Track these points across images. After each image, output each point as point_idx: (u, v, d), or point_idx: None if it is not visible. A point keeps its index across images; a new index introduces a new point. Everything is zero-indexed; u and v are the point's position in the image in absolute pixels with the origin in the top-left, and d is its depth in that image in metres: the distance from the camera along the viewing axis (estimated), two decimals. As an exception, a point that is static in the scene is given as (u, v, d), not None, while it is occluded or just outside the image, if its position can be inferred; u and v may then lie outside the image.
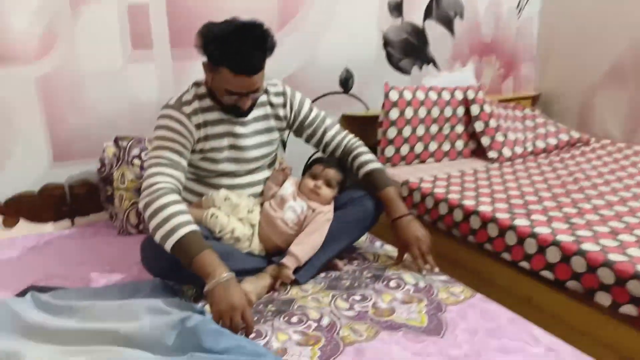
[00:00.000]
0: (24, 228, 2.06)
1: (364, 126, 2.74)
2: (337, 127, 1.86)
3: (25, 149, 2.05)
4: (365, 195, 1.73)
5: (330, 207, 1.71)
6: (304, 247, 1.60)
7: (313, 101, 2.63)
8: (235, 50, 1.46)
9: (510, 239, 1.83)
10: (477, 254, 1.98)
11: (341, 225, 1.68)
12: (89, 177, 2.17)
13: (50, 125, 2.08)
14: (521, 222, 1.84)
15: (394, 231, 1.68)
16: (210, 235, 1.59)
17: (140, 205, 1.47)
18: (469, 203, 2.04)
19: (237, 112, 1.62)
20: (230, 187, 1.72)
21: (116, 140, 2.06)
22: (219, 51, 1.48)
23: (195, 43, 1.52)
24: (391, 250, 1.83)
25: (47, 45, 2.01)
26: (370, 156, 1.79)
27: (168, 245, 1.39)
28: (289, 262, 1.57)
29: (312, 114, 1.82)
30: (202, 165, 1.69)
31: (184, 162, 1.58)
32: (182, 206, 1.45)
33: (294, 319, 1.40)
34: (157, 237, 1.41)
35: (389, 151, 2.55)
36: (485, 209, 1.97)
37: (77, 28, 2.04)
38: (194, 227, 1.41)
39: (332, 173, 1.72)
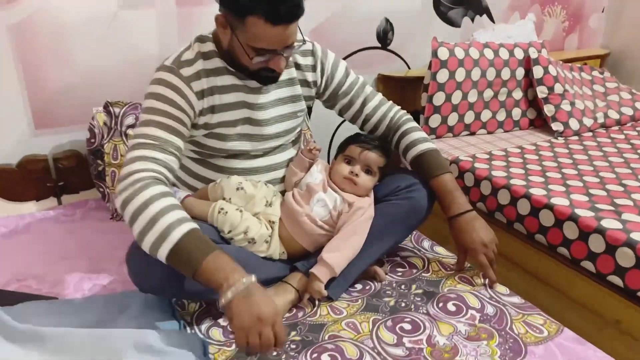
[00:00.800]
0: (1, 208, 1.73)
1: (404, 89, 2.35)
2: (380, 96, 1.49)
3: (-1, 114, 1.69)
4: (415, 184, 1.35)
5: (370, 200, 1.35)
6: (339, 255, 1.25)
7: (344, 58, 2.22)
8: None
9: (596, 244, 1.44)
10: (549, 258, 1.60)
11: (384, 224, 1.32)
12: (78, 148, 1.82)
13: (29, 86, 1.71)
14: (609, 223, 1.45)
15: (453, 231, 1.32)
16: (217, 236, 1.24)
17: (117, 203, 1.11)
18: (538, 193, 1.65)
19: (267, 78, 1.25)
20: (244, 172, 1.36)
21: (106, 106, 1.69)
22: None
23: None
24: (444, 253, 1.46)
25: (20, -15, 1.61)
26: (421, 134, 1.43)
27: (161, 255, 1.05)
28: (320, 273, 1.22)
29: (349, 80, 1.45)
30: (207, 144, 1.33)
31: (179, 141, 1.21)
32: (172, 199, 1.10)
33: (326, 358, 1.06)
34: (146, 246, 1.06)
35: (434, 121, 2.14)
36: (560, 202, 1.58)
37: (56, -37, 1.63)
38: (191, 224, 1.07)
39: (373, 156, 1.34)
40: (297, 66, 1.38)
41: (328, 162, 1.43)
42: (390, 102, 1.50)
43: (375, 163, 1.35)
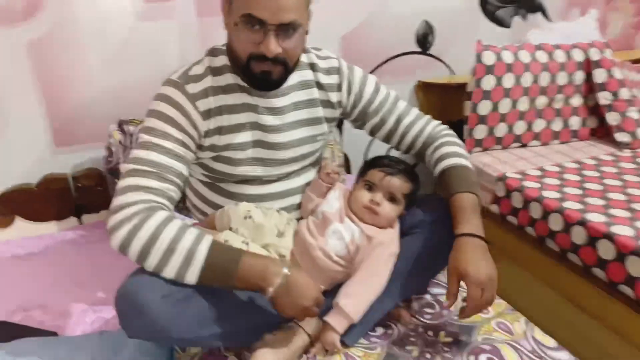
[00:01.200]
0: (21, 228, 1.70)
1: (447, 97, 2.15)
2: (415, 111, 1.33)
3: (19, 133, 1.65)
4: (445, 219, 1.16)
5: (395, 233, 1.18)
6: (357, 301, 1.09)
7: (382, 64, 2.07)
8: None
9: (667, 285, 1.22)
10: (607, 296, 1.38)
11: (410, 261, 1.15)
12: (99, 166, 1.76)
13: (48, 102, 1.66)
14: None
15: (453, 251, 1.08)
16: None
17: (116, 242, 1.00)
18: (596, 219, 1.43)
19: (263, 76, 1.09)
20: (257, 198, 1.23)
21: (120, 124, 1.62)
22: None
23: None
24: (481, 292, 1.28)
25: (36, 0, 1.56)
26: (454, 148, 1.24)
27: (190, 280, 0.99)
28: (335, 322, 1.07)
29: (379, 97, 1.29)
30: (216, 167, 1.21)
31: (181, 167, 1.09)
32: (178, 222, 1.01)
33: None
34: (169, 274, 0.99)
35: (480, 132, 1.94)
36: (622, 231, 1.36)
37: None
38: (208, 238, 1.01)
39: (397, 182, 1.18)
40: (320, 86, 1.23)
41: (357, 176, 1.26)
42: (428, 116, 1.33)
43: (399, 190, 1.18)
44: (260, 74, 1.08)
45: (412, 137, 1.29)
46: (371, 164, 1.22)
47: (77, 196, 1.74)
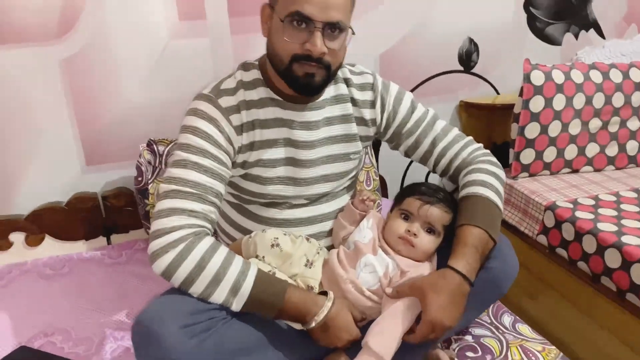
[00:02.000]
0: (51, 247, 1.68)
1: (492, 118, 2.04)
2: (454, 132, 1.24)
3: (51, 151, 1.64)
4: (492, 254, 1.06)
5: (432, 267, 1.09)
6: (389, 340, 1.00)
7: (422, 83, 1.97)
8: None
9: None
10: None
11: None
12: (128, 185, 1.73)
13: (80, 121, 1.64)
14: None
15: (434, 275, 1.02)
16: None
17: (160, 267, 0.97)
18: (660, 257, 1.29)
19: (305, 78, 1.04)
20: (285, 223, 1.18)
21: (150, 144, 1.58)
22: None
23: None
24: (529, 335, 1.16)
25: (71, 18, 1.55)
26: (484, 176, 1.13)
27: (236, 308, 0.99)
28: None
29: (414, 116, 1.21)
30: (245, 187, 1.16)
31: (219, 186, 1.06)
32: (224, 250, 1.01)
33: None
34: (215, 300, 0.98)
35: (527, 156, 1.81)
36: (692, 272, 1.22)
37: (107, -6, 1.56)
38: (254, 269, 1.01)
39: (436, 212, 1.09)
40: (354, 102, 1.18)
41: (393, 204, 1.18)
42: (469, 138, 1.24)
43: (438, 221, 1.09)
44: (303, 76, 1.04)
45: (447, 161, 1.21)
46: (408, 191, 1.14)
47: (107, 216, 1.71)
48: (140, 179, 1.61)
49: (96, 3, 1.55)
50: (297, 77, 1.05)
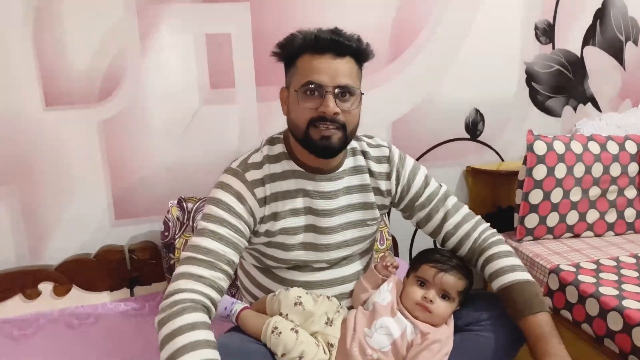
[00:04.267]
0: (77, 297, 1.75)
1: (497, 183, 2.15)
2: (464, 211, 1.29)
3: (83, 205, 1.75)
4: (503, 318, 1.15)
5: (449, 330, 1.15)
6: None
7: (431, 149, 2.10)
8: (319, 32, 1.12)
9: None
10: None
11: (462, 360, 1.12)
12: (153, 239, 1.82)
13: (113, 178, 1.76)
14: None
15: None
16: (270, 357, 1.13)
17: (155, 322, 1.03)
18: (659, 321, 1.36)
19: (323, 142, 1.11)
20: (307, 285, 1.25)
21: (180, 202, 1.69)
22: (298, 37, 1.13)
23: (276, 58, 1.19)
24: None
25: (112, 85, 1.70)
26: (510, 260, 1.20)
27: None
28: None
29: (427, 191, 1.29)
30: (269, 253, 1.24)
31: (233, 254, 1.12)
32: (202, 333, 0.99)
33: None
34: None
35: (531, 221, 1.91)
36: (689, 337, 1.29)
37: (145, 64, 1.71)
38: None
39: (451, 280, 1.16)
40: (371, 173, 1.26)
41: (409, 269, 1.25)
42: (478, 217, 1.29)
43: (453, 288, 1.16)
44: (320, 140, 1.11)
45: (458, 239, 1.26)
46: (423, 258, 1.21)
47: (132, 268, 1.79)
48: (167, 233, 1.70)
49: (136, 71, 1.70)
50: (315, 142, 1.12)
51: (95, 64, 1.67)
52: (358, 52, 1.13)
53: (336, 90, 1.10)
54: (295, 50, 1.12)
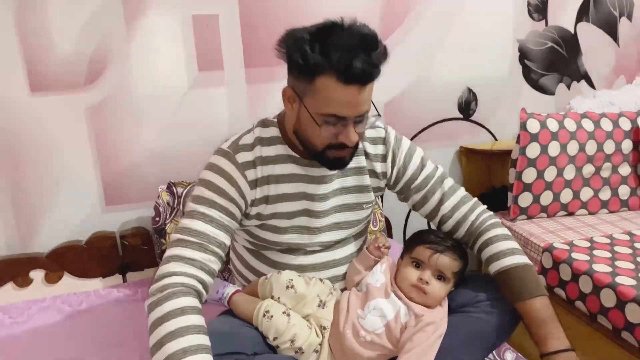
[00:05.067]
0: (69, 284, 1.74)
1: (490, 162, 2.14)
2: (461, 193, 1.27)
3: (73, 192, 1.73)
4: (497, 299, 1.14)
5: (443, 311, 1.14)
6: None
7: (424, 129, 2.09)
8: (345, 48, 0.98)
9: None
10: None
11: (458, 342, 1.11)
12: (145, 225, 1.81)
13: (102, 164, 1.74)
14: None
15: None
16: (262, 343, 1.12)
17: (145, 306, 1.02)
18: (652, 297, 1.36)
19: (336, 161, 1.12)
20: (300, 268, 1.24)
21: (170, 186, 1.67)
22: (319, 50, 0.99)
23: (277, 53, 1.06)
24: (531, 372, 1.22)
25: (98, 69, 1.67)
26: (508, 244, 1.18)
27: None
28: None
29: (424, 173, 1.26)
30: (261, 235, 1.22)
31: (224, 236, 1.10)
32: (191, 318, 0.97)
33: None
34: None
35: (525, 199, 1.90)
36: (682, 312, 1.29)
37: (132, 47, 1.68)
38: (194, 358, 0.92)
39: (446, 261, 1.14)
40: (367, 155, 1.23)
41: (403, 250, 1.23)
42: (475, 200, 1.27)
43: (448, 268, 1.15)
44: (334, 160, 1.11)
45: (454, 222, 1.24)
46: (417, 239, 1.19)
47: (123, 254, 1.78)
48: (157, 219, 1.69)
49: (122, 54, 1.67)
50: (328, 160, 1.11)
51: (81, 48, 1.63)
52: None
53: (357, 119, 1.06)
54: (314, 64, 0.99)
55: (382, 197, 2.02)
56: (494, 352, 1.29)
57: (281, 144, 1.18)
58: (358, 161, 1.23)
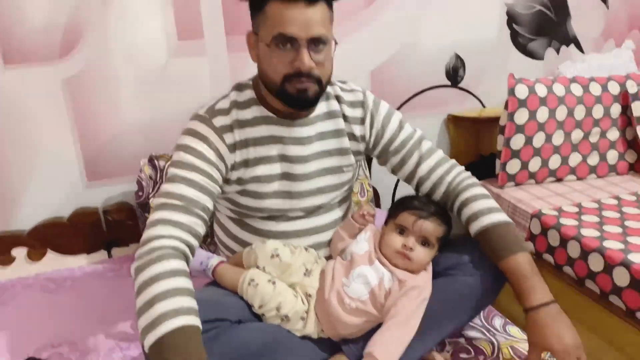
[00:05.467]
0: (52, 261, 1.71)
1: (478, 130, 2.12)
2: (438, 155, 1.26)
3: (53, 167, 1.68)
4: (481, 260, 1.13)
5: (427, 276, 1.13)
6: (391, 350, 1.04)
7: (411, 98, 2.05)
8: None
9: None
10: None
11: (444, 305, 1.11)
12: (129, 200, 1.77)
13: (81, 138, 1.69)
14: None
15: (532, 326, 1.05)
16: (247, 312, 1.11)
17: (132, 269, 1.00)
18: (639, 260, 1.36)
19: (298, 96, 1.08)
20: (283, 235, 1.22)
21: (151, 159, 1.63)
22: None
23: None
24: (518, 336, 1.22)
25: (73, 39, 1.61)
26: (487, 202, 1.17)
27: (146, 345, 0.91)
28: None
29: (402, 136, 1.25)
30: (242, 202, 1.20)
31: (207, 200, 1.09)
32: (181, 280, 0.96)
33: None
34: (139, 328, 0.93)
35: (513, 166, 1.89)
36: (669, 273, 1.29)
37: (108, 16, 1.61)
38: (186, 319, 0.91)
39: (430, 227, 1.13)
40: (345, 118, 1.22)
41: (387, 217, 1.22)
42: (452, 161, 1.26)
43: (433, 234, 1.13)
44: (297, 93, 1.08)
45: (432, 184, 1.23)
46: (401, 205, 1.17)
47: (107, 230, 1.75)
48: (140, 193, 1.66)
49: (98, 23, 1.61)
50: (291, 95, 1.09)
51: (54, 17, 1.57)
52: None
53: (310, 42, 1.04)
54: None
55: (370, 167, 2.00)
56: (482, 317, 1.30)
57: (256, 105, 1.16)
58: (337, 124, 1.21)
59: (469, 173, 1.25)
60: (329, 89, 1.22)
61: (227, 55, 1.77)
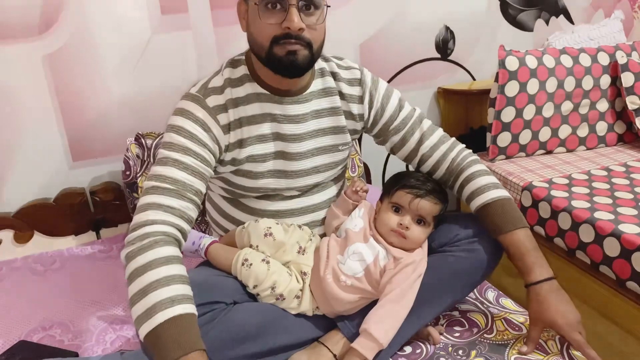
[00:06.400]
0: (40, 243, 1.69)
1: (468, 103, 2.11)
2: (439, 133, 1.24)
3: (36, 148, 1.65)
4: (480, 233, 1.13)
5: (422, 253, 1.13)
6: (387, 326, 1.04)
7: (401, 71, 2.02)
8: None
9: None
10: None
11: (439, 281, 1.10)
12: (116, 179, 1.74)
13: (65, 117, 1.65)
14: None
15: (533, 301, 1.06)
16: (242, 292, 1.09)
17: (122, 256, 0.98)
18: (630, 230, 1.37)
19: (288, 59, 1.03)
20: (278, 214, 1.20)
21: (138, 138, 1.60)
22: None
23: None
24: (511, 308, 1.23)
25: (52, 14, 1.55)
26: (489, 179, 1.17)
27: (141, 334, 0.89)
28: (364, 348, 1.02)
29: (402, 114, 1.22)
30: (236, 182, 1.17)
31: (199, 184, 1.06)
32: (175, 267, 0.94)
33: None
34: (133, 317, 0.91)
35: (504, 139, 1.88)
36: (659, 243, 1.30)
37: (88, -11, 1.56)
38: (182, 308, 0.90)
39: (426, 205, 1.11)
40: (342, 95, 1.19)
41: (382, 194, 1.20)
42: (453, 139, 1.24)
43: (429, 213, 1.11)
44: (286, 56, 1.03)
45: (434, 161, 1.21)
46: (397, 183, 1.15)
47: (95, 210, 1.72)
48: (128, 172, 1.62)
49: (77, -1, 1.55)
50: (279, 58, 1.04)
51: (31, -8, 1.51)
52: None
53: (300, 3, 1.00)
54: None
55: (360, 143, 1.98)
56: (475, 290, 1.30)
57: (250, 82, 1.12)
58: (333, 101, 1.18)
59: (470, 150, 1.24)
60: (324, 64, 1.19)
61: (212, 29, 1.72)
